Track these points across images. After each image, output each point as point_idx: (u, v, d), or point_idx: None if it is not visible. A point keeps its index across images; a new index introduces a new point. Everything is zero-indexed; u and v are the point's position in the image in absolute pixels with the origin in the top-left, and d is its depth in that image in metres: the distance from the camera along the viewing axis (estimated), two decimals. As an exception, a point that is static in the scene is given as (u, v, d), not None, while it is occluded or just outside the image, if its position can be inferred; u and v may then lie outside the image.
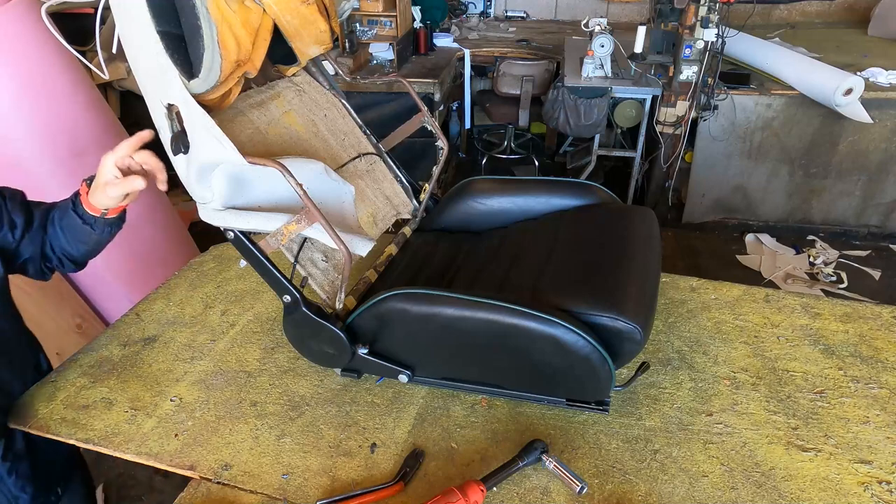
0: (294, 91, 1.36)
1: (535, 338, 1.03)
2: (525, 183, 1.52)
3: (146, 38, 0.94)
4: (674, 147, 3.37)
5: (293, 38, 1.18)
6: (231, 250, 1.76)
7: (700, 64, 3.06)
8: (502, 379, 1.18)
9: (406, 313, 1.11)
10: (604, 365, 1.04)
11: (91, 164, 1.65)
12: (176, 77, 0.96)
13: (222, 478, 1.06)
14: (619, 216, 1.35)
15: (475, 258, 1.37)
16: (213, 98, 1.06)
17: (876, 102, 3.07)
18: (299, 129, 1.31)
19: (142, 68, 1.00)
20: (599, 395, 1.15)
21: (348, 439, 1.13)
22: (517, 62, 3.94)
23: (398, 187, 1.51)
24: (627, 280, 1.15)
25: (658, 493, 1.01)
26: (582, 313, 1.06)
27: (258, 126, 1.21)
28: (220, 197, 1.06)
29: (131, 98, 3.58)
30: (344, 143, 1.42)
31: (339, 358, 1.20)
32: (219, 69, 1.00)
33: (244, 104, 1.22)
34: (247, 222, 1.08)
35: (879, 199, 3.39)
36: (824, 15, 4.65)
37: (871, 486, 1.01)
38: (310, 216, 1.05)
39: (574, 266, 1.21)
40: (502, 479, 1.02)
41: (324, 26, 1.19)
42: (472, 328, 1.07)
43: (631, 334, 1.05)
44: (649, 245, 1.26)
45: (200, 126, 0.98)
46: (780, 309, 1.44)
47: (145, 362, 1.33)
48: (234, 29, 1.00)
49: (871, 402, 1.18)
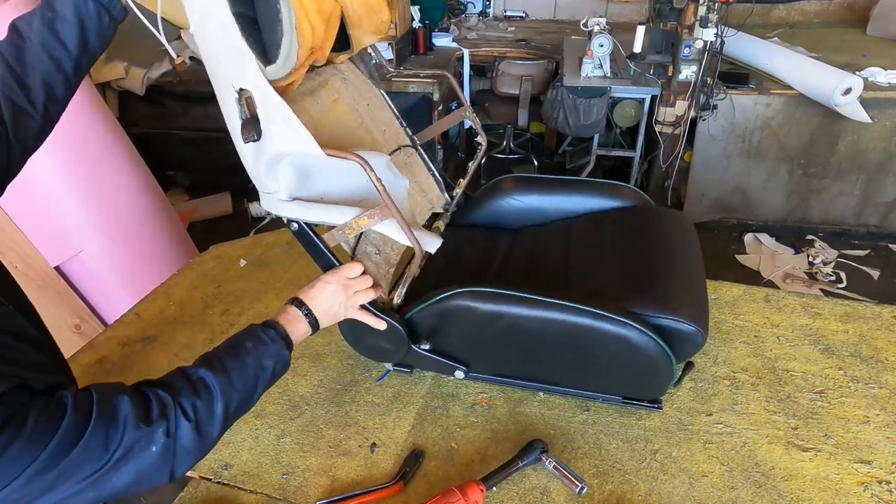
0: (340, 79, 1.34)
1: (604, 339, 1.05)
2: (562, 182, 1.53)
3: (221, 20, 0.91)
4: (673, 147, 3.37)
5: (354, 26, 1.16)
6: (231, 250, 1.76)
7: (699, 63, 3.06)
8: (561, 377, 1.19)
9: (472, 311, 1.11)
10: (667, 365, 1.06)
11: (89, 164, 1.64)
12: (252, 62, 0.93)
13: (222, 477, 1.06)
14: (661, 219, 1.37)
15: (520, 256, 1.37)
16: (283, 85, 1.03)
17: (875, 102, 3.07)
18: (347, 118, 1.29)
19: (213, 52, 0.97)
20: (657, 393, 1.16)
21: (348, 439, 1.13)
22: (516, 62, 3.94)
23: (432, 181, 1.51)
24: (684, 282, 1.17)
25: (658, 493, 1.01)
26: (647, 315, 1.07)
27: (312, 115, 1.18)
28: (286, 187, 1.03)
29: (130, 98, 3.58)
30: (385, 135, 1.40)
31: (395, 353, 1.20)
32: (295, 56, 0.97)
33: (297, 91, 1.17)
34: (316, 214, 1.05)
35: (878, 198, 3.39)
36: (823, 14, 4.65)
37: (871, 486, 1.01)
38: (384, 211, 1.03)
39: (630, 268, 1.22)
40: (502, 479, 1.02)
41: (386, 16, 1.18)
42: (539, 328, 1.07)
43: (693, 336, 1.07)
44: (694, 247, 1.29)
45: (277, 114, 0.95)
46: (779, 309, 1.44)
47: (145, 362, 1.32)
48: (310, 15, 0.98)
49: (871, 402, 1.18)
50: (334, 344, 1.36)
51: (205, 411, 0.79)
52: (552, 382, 1.21)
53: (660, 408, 1.16)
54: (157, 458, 0.73)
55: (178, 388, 0.78)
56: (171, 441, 0.74)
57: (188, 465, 0.78)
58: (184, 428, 0.76)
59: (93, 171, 2.11)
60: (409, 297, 1.19)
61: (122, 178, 2.24)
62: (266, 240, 1.81)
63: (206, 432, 0.79)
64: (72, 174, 2.04)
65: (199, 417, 0.77)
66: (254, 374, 0.87)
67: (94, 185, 2.12)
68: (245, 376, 0.86)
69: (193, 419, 0.77)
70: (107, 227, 2.14)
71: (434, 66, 3.80)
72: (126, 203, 2.23)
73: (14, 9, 1.88)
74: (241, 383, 0.85)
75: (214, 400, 0.80)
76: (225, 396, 0.81)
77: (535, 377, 1.21)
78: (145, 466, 0.72)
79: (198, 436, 0.77)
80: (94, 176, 2.12)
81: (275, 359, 0.90)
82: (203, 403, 0.79)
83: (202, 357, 0.86)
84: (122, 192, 2.22)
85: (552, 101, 3.42)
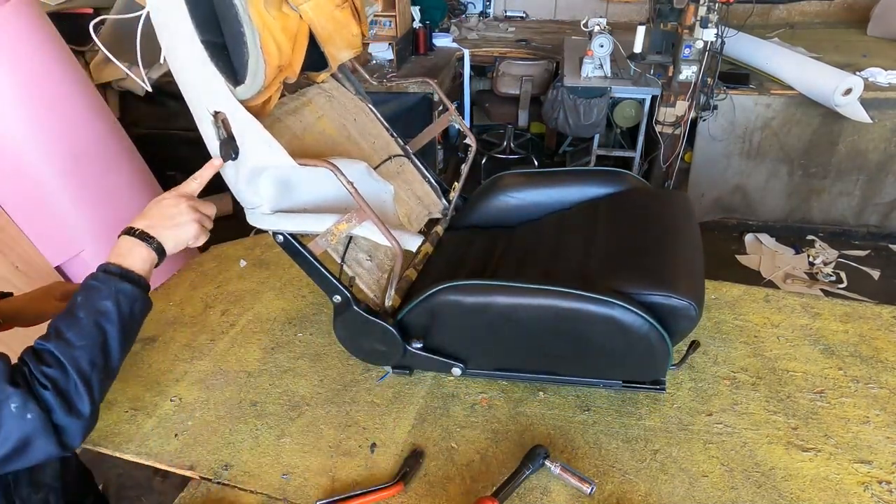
0: (325, 97, 1.38)
1: (592, 320, 1.04)
2: (555, 174, 1.53)
3: (190, 49, 0.95)
4: (673, 147, 3.37)
5: (326, 43, 1.19)
6: (231, 250, 1.76)
7: (699, 64, 3.06)
8: (557, 365, 1.19)
9: (459, 305, 1.11)
10: (661, 343, 1.05)
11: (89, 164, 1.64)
12: (222, 84, 0.97)
13: (222, 478, 1.06)
14: (655, 199, 1.37)
15: (514, 250, 1.38)
16: (256, 104, 1.07)
17: (875, 102, 3.07)
18: (332, 133, 1.33)
19: (186, 79, 1.01)
20: (656, 374, 1.16)
21: (348, 439, 1.13)
22: (516, 62, 3.94)
23: (427, 187, 1.53)
24: (675, 259, 1.17)
25: (658, 493, 1.01)
26: (636, 294, 1.07)
27: (295, 132, 1.22)
28: (268, 201, 1.07)
29: (130, 98, 3.58)
30: (374, 146, 1.43)
31: (391, 355, 1.21)
32: (263, 74, 1.01)
33: (280, 111, 1.23)
34: (297, 224, 1.08)
35: (879, 198, 3.39)
36: (823, 15, 4.65)
37: (871, 486, 1.01)
38: (360, 214, 1.06)
39: (619, 249, 1.22)
40: (513, 492, 1.01)
41: (356, 30, 1.22)
42: (527, 315, 1.07)
43: (686, 311, 1.06)
44: (690, 225, 1.28)
45: (250, 131, 0.99)
46: (779, 309, 1.44)
47: (145, 362, 1.33)
48: (275, 35, 1.02)
49: (871, 402, 1.18)
50: (334, 344, 1.37)
51: (61, 378, 0.81)
52: (550, 372, 1.20)
53: (663, 389, 1.16)
54: (32, 424, 0.77)
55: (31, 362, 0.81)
56: (40, 411, 0.78)
57: (75, 430, 0.82)
58: (47, 397, 0.79)
59: (93, 171, 2.12)
60: (406, 301, 1.20)
61: (122, 178, 2.24)
62: (266, 240, 1.81)
63: (73, 398, 0.82)
64: (72, 175, 2.04)
65: (57, 386, 0.80)
66: (93, 322, 0.86)
67: (95, 185, 2.12)
68: (82, 330, 0.85)
69: (52, 387, 0.80)
70: (107, 227, 2.14)
71: (434, 66, 3.80)
72: (127, 203, 2.23)
73: (14, 9, 1.88)
74: (80, 338, 0.84)
75: (64, 365, 0.82)
76: (70, 359, 0.82)
77: (532, 368, 1.21)
78: (23, 433, 0.77)
79: (64, 402, 0.80)
80: (94, 176, 2.12)
81: (112, 297, 0.86)
82: (55, 371, 0.81)
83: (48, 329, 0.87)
84: (122, 192, 2.23)
85: (552, 102, 3.43)
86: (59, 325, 0.85)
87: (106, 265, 0.88)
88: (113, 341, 0.87)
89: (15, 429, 0.76)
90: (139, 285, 0.88)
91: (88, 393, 0.83)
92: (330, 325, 1.42)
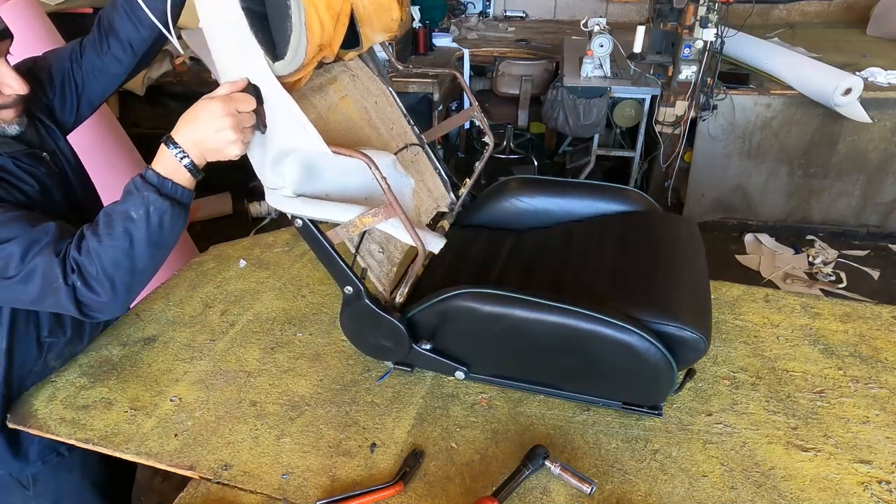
0: (349, 76, 1.34)
1: (607, 344, 1.04)
2: (568, 185, 1.53)
3: (230, 14, 0.91)
4: (673, 147, 3.37)
5: (364, 24, 1.16)
6: (231, 250, 1.76)
7: (699, 64, 3.06)
8: (561, 381, 1.19)
9: (474, 312, 1.10)
10: (668, 372, 1.06)
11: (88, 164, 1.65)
12: (260, 57, 0.93)
13: (222, 478, 1.06)
14: (664, 224, 1.36)
15: (522, 256, 1.37)
16: (291, 81, 1.03)
17: (875, 102, 3.07)
18: (354, 115, 1.29)
19: (220, 46, 0.97)
20: (657, 399, 1.16)
21: (348, 439, 1.13)
22: (516, 62, 3.94)
23: (438, 180, 1.50)
24: (686, 290, 1.17)
25: (658, 493, 1.01)
26: (649, 321, 1.07)
27: (320, 111, 1.18)
28: (291, 183, 1.03)
29: (130, 98, 3.58)
30: (392, 133, 1.39)
31: (395, 351, 1.20)
32: (304, 52, 0.97)
33: (306, 87, 1.18)
34: (320, 211, 1.05)
35: (878, 198, 3.39)
36: (823, 15, 4.66)
37: (870, 486, 1.01)
38: (388, 210, 1.03)
39: (631, 272, 1.22)
40: (513, 491, 1.01)
41: (396, 14, 1.19)
42: (542, 331, 1.07)
43: (696, 343, 1.07)
44: (699, 253, 1.29)
45: (284, 110, 0.95)
46: (779, 309, 1.44)
47: (145, 362, 1.32)
48: (320, 11, 0.98)
49: (870, 402, 1.18)
50: (334, 344, 1.37)
51: (87, 264, 0.91)
52: (552, 386, 1.20)
53: (660, 414, 1.16)
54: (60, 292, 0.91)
55: (74, 241, 0.93)
56: (66, 286, 0.91)
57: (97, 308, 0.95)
58: (73, 279, 0.91)
59: (92, 171, 2.11)
60: (412, 296, 1.19)
61: (122, 179, 2.24)
62: (266, 240, 1.81)
63: (93, 284, 0.92)
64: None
65: (82, 271, 0.91)
66: (122, 227, 0.92)
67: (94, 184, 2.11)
68: (112, 231, 0.92)
69: (77, 272, 0.91)
70: (107, 227, 2.14)
71: (434, 66, 3.80)
72: (126, 203, 2.22)
73: (14, 9, 1.88)
74: (109, 238, 0.92)
75: (91, 255, 0.91)
76: (96, 253, 0.91)
77: (536, 380, 1.21)
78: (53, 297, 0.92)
79: (85, 285, 0.92)
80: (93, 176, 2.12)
81: (143, 207, 0.91)
82: (84, 259, 0.91)
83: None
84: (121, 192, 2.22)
85: (552, 102, 3.43)
86: (100, 218, 0.94)
87: (146, 172, 0.94)
88: (139, 246, 0.92)
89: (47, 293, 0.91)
90: (171, 197, 0.93)
91: (110, 285, 0.92)
92: (330, 325, 1.42)
